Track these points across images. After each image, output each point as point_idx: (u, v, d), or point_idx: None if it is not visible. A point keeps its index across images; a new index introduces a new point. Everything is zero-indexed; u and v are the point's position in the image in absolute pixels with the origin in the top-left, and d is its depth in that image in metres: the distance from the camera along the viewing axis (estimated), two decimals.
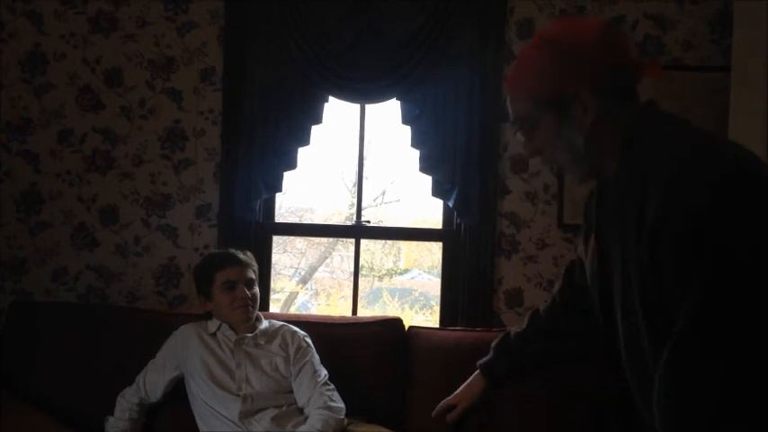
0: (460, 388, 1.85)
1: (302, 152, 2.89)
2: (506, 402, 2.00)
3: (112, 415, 2.38)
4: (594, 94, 1.26)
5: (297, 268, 5.04)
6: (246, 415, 2.25)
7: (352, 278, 3.13)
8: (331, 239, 4.74)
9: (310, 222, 4.17)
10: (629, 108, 1.29)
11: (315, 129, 2.88)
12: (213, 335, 2.38)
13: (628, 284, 1.24)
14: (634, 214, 1.18)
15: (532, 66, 1.31)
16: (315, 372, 2.35)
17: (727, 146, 1.25)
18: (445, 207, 2.99)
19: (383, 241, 4.81)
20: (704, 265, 1.08)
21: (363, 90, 2.85)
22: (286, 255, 4.93)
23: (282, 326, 2.46)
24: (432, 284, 4.90)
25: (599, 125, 1.27)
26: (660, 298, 1.16)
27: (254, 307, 2.40)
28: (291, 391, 2.33)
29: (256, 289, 2.42)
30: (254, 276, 2.42)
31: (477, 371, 1.82)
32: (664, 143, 1.22)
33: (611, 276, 1.30)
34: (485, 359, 1.81)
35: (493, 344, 1.82)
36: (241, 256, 2.42)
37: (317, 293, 5.16)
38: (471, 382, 1.83)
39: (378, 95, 2.87)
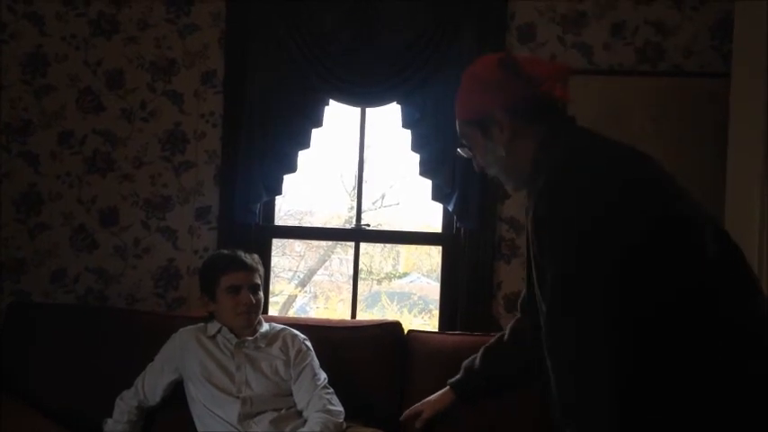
0: (431, 397, 2.04)
1: (302, 155, 2.89)
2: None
3: (111, 417, 2.38)
4: (507, 115, 1.49)
5: (296, 271, 5.04)
6: (245, 417, 2.25)
7: (351, 281, 3.13)
8: (330, 243, 4.74)
9: (310, 225, 4.17)
10: (543, 125, 1.49)
11: (315, 132, 2.88)
12: (213, 337, 2.38)
13: (536, 273, 1.42)
14: (530, 215, 1.39)
15: (459, 95, 1.61)
16: (314, 375, 2.35)
17: (608, 154, 1.41)
18: (445, 211, 2.99)
19: (382, 245, 4.82)
20: (556, 241, 1.30)
21: (364, 94, 2.85)
22: (285, 258, 4.93)
23: (283, 329, 2.46)
24: (431, 288, 4.91)
25: (515, 141, 1.50)
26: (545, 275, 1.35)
27: (256, 313, 2.39)
28: (291, 395, 2.33)
29: (260, 294, 2.42)
30: (259, 281, 2.41)
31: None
32: (558, 155, 1.41)
33: (532, 274, 1.48)
34: (455, 378, 1.98)
35: (464, 363, 1.98)
36: (248, 260, 2.41)
37: (315, 296, 5.16)
38: (442, 394, 2.01)
39: (378, 99, 2.87)
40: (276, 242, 3.30)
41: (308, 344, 2.44)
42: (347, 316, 3.12)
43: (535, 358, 1.58)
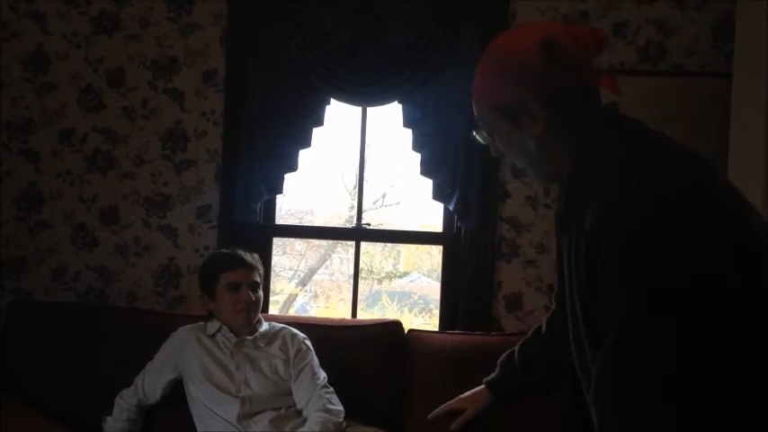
0: (466, 395, 1.80)
1: (303, 154, 2.89)
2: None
3: (111, 415, 2.39)
4: (541, 103, 1.25)
5: (296, 270, 5.04)
6: (245, 417, 2.25)
7: (351, 281, 3.12)
8: (331, 242, 4.74)
9: (310, 224, 4.17)
10: (582, 114, 1.28)
11: (316, 131, 2.88)
12: (212, 336, 2.38)
13: (572, 286, 1.25)
14: (577, 220, 1.19)
15: (482, 76, 1.33)
16: (314, 374, 2.35)
17: (680, 159, 1.21)
18: (445, 210, 2.99)
19: (383, 244, 4.81)
20: (634, 277, 1.07)
21: (365, 93, 2.85)
22: (286, 256, 4.93)
23: (283, 328, 2.46)
24: (431, 288, 4.90)
25: (550, 132, 1.27)
26: (593, 301, 1.16)
27: (255, 311, 2.39)
28: (290, 394, 2.33)
29: (260, 293, 2.42)
30: (258, 280, 2.42)
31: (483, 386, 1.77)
32: (610, 151, 1.21)
33: (565, 277, 1.31)
34: (491, 376, 1.77)
35: (500, 360, 1.78)
36: (248, 258, 2.41)
37: (316, 296, 5.16)
38: (478, 393, 1.78)
39: (379, 98, 2.87)
40: (277, 241, 3.30)
41: (308, 343, 2.44)
42: (347, 315, 3.12)
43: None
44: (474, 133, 1.38)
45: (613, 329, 1.11)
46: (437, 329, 2.91)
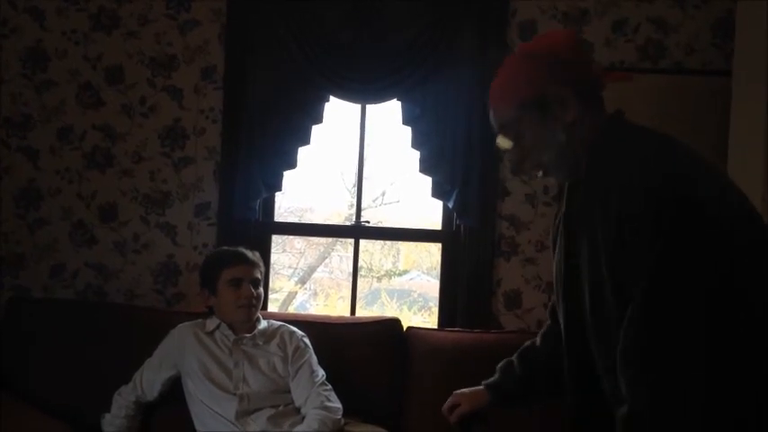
0: (465, 391, 1.86)
1: (302, 152, 2.88)
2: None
3: (109, 412, 2.38)
4: (573, 94, 1.39)
5: (296, 268, 5.03)
6: (243, 414, 2.24)
7: (350, 278, 3.12)
8: (330, 240, 4.74)
9: (310, 222, 4.17)
10: (600, 112, 1.43)
11: (315, 128, 2.88)
12: (211, 333, 2.38)
13: (593, 281, 1.35)
14: (600, 207, 1.31)
15: (510, 76, 1.46)
16: (312, 372, 2.34)
17: (682, 151, 1.35)
18: (445, 208, 2.98)
19: (382, 242, 4.81)
20: (657, 246, 1.21)
21: (364, 90, 2.85)
22: (285, 254, 4.93)
23: (281, 326, 2.46)
24: (430, 286, 4.90)
25: (577, 123, 1.40)
26: (626, 274, 1.27)
27: (256, 308, 2.40)
28: (289, 391, 2.33)
29: (261, 290, 2.43)
30: (259, 276, 2.43)
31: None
32: (626, 148, 1.34)
33: (579, 271, 1.40)
34: (491, 380, 1.83)
35: (499, 365, 1.84)
36: (250, 255, 2.42)
37: (315, 293, 5.16)
38: (477, 391, 1.84)
39: (379, 96, 2.87)
40: (276, 239, 3.30)
41: (307, 341, 2.44)
42: (347, 313, 3.12)
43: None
44: (498, 141, 1.48)
45: (641, 289, 1.22)
46: (436, 327, 2.90)
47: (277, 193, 3.02)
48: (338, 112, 3.05)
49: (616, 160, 1.32)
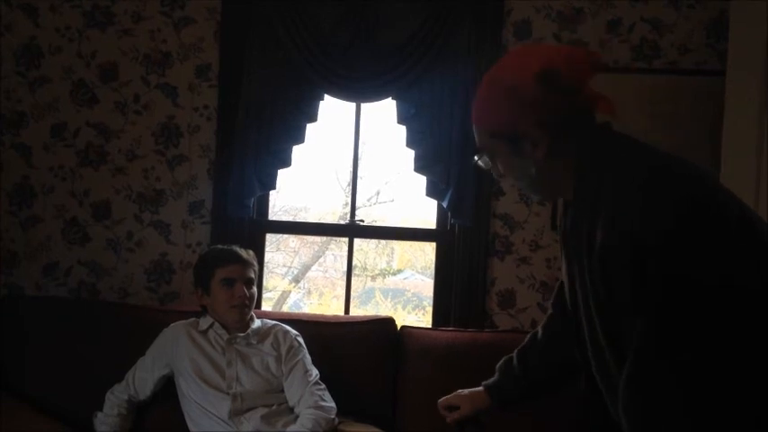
0: (465, 392, 1.83)
1: (297, 150, 2.88)
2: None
3: (101, 411, 2.38)
4: (542, 130, 1.30)
5: (290, 267, 5.02)
6: (236, 414, 2.24)
7: (344, 278, 3.12)
8: (324, 238, 4.73)
9: (304, 221, 4.16)
10: (580, 136, 1.32)
11: (310, 127, 2.87)
12: (204, 332, 2.37)
13: (586, 299, 1.31)
14: (586, 237, 1.25)
15: (482, 103, 1.38)
16: (306, 371, 2.34)
17: (678, 168, 1.26)
18: (439, 207, 2.98)
19: (376, 241, 4.80)
20: (651, 291, 1.15)
21: (359, 89, 2.84)
22: (279, 253, 4.92)
23: (275, 325, 2.46)
24: (424, 285, 4.90)
25: (551, 155, 1.32)
26: (614, 315, 1.23)
27: (249, 308, 2.39)
28: (282, 391, 2.33)
29: (254, 289, 2.42)
30: (253, 276, 2.42)
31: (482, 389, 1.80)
32: (612, 169, 1.26)
33: (577, 290, 1.36)
34: (490, 381, 1.80)
35: (498, 365, 1.81)
36: (243, 254, 2.41)
37: (309, 292, 5.15)
38: (477, 393, 1.81)
39: (374, 94, 2.87)
40: (270, 238, 3.29)
41: (300, 340, 2.43)
42: (341, 312, 3.11)
43: (571, 355, 1.50)
44: (476, 158, 1.43)
45: (636, 344, 1.18)
46: (430, 326, 2.90)
47: (271, 192, 3.02)
48: (333, 110, 3.04)
49: (604, 187, 1.24)
